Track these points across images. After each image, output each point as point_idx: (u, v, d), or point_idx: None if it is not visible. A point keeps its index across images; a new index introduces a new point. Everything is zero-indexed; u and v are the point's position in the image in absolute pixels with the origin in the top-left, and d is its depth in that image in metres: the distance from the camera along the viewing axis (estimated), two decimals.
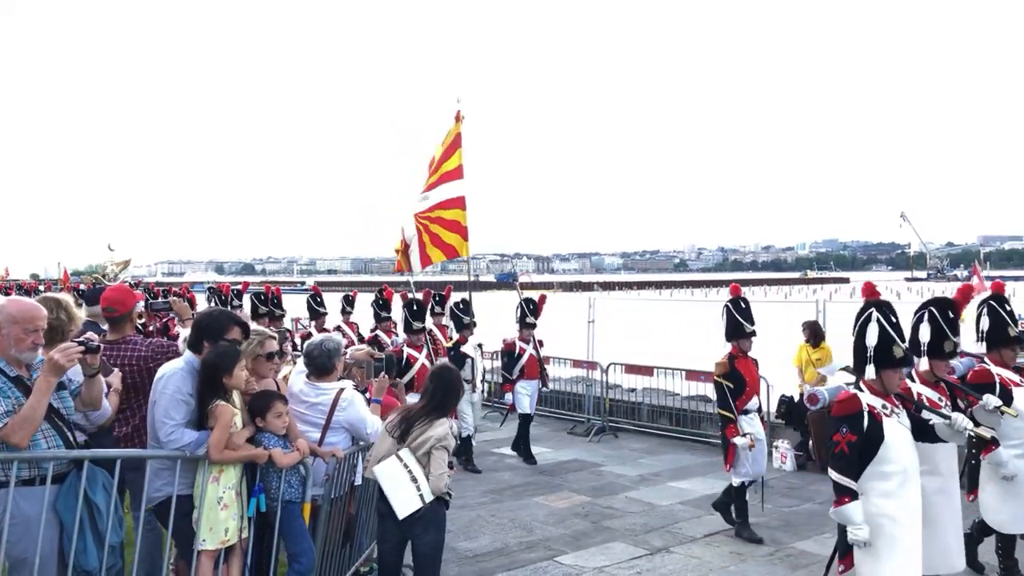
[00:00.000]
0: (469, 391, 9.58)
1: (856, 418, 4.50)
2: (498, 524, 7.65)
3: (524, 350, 10.43)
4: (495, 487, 8.99)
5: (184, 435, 4.26)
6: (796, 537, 7.34)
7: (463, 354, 9.89)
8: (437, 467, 4.62)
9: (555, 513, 8.02)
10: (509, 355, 10.46)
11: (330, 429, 5.00)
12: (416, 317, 9.39)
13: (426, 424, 4.70)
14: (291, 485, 4.57)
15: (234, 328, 4.61)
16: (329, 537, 4.92)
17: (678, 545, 7.07)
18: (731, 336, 7.41)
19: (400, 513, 4.55)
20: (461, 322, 10.27)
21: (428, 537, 4.69)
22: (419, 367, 9.11)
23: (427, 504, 4.58)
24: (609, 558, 6.77)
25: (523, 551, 6.92)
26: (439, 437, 4.66)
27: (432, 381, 4.93)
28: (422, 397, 4.90)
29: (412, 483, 4.56)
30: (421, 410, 4.78)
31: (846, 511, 4.49)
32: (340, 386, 5.18)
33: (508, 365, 10.46)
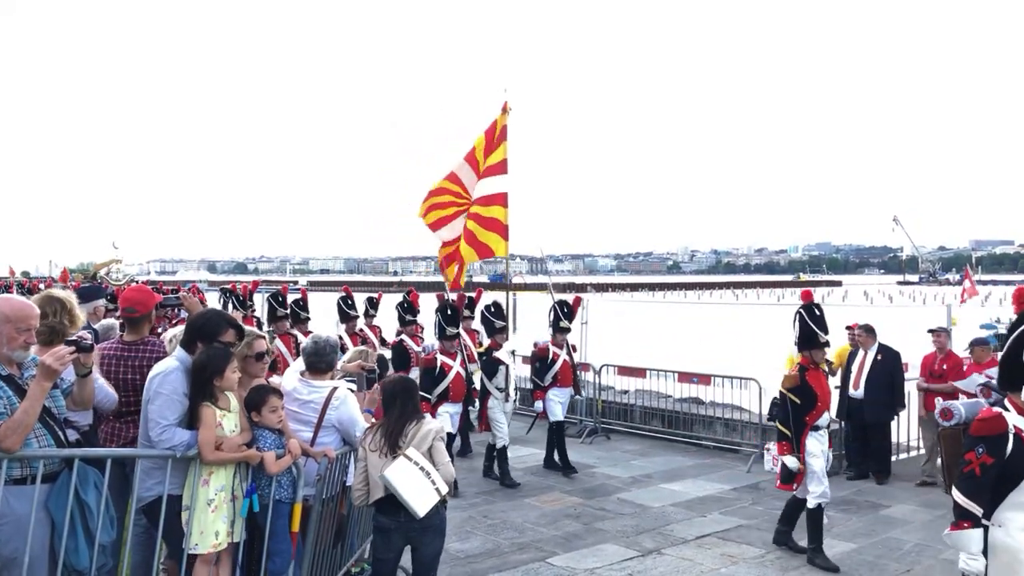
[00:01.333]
0: (502, 400, 9.32)
1: (998, 440, 3.92)
2: (490, 525, 7.65)
3: (558, 356, 9.89)
4: (487, 488, 8.99)
5: (175, 435, 4.26)
6: None
7: (496, 360, 9.40)
8: (442, 457, 4.68)
9: (547, 514, 8.03)
10: (542, 361, 9.91)
11: (322, 428, 5.00)
12: (451, 322, 8.87)
13: (417, 424, 4.71)
14: (282, 485, 4.58)
15: (229, 330, 4.61)
16: (320, 537, 4.91)
17: (670, 547, 7.08)
18: (804, 346, 6.89)
19: (421, 511, 4.51)
20: (493, 326, 9.83)
21: (436, 543, 4.74)
22: (454, 376, 8.74)
23: (442, 498, 4.59)
24: (600, 560, 6.77)
25: (515, 552, 6.92)
26: (436, 430, 4.74)
27: (396, 395, 4.81)
28: (388, 410, 4.81)
29: (426, 478, 4.56)
30: (399, 418, 4.72)
31: (963, 537, 3.97)
32: (334, 384, 5.18)
33: (540, 371, 9.92)
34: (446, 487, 4.63)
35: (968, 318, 30.54)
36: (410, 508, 4.51)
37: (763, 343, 8.28)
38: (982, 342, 9.18)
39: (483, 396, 9.38)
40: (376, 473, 4.63)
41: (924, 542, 7.31)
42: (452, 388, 8.73)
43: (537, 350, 10.01)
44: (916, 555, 6.97)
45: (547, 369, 9.85)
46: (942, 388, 9.09)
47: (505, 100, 10.68)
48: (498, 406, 9.24)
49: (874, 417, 9.56)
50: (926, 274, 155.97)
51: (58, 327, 4.25)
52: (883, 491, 9.10)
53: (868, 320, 10.28)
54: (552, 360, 9.85)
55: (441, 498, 4.60)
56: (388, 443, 4.66)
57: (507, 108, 10.72)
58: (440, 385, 8.63)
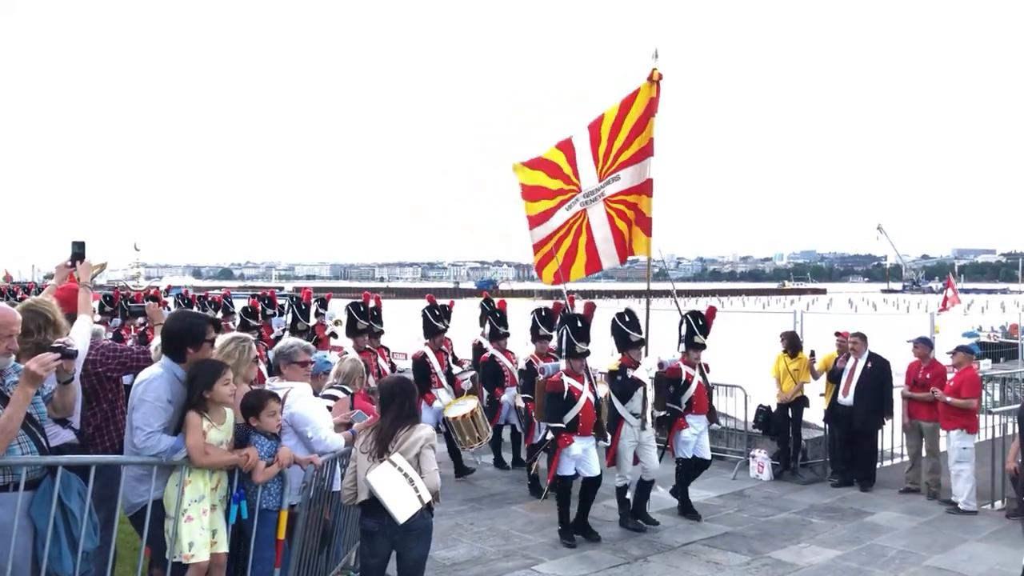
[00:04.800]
0: (638, 428, 7.78)
1: None
2: (476, 532, 7.63)
3: (691, 377, 8.34)
4: (474, 495, 8.96)
5: (160, 441, 4.23)
6: (772, 547, 7.37)
7: (634, 380, 7.62)
8: (429, 465, 4.65)
9: (534, 522, 8.01)
10: (674, 383, 8.33)
11: (283, 431, 4.95)
12: (581, 337, 7.46)
13: (409, 429, 4.69)
14: (270, 493, 4.56)
15: (210, 327, 4.59)
16: (306, 544, 4.89)
17: (656, 554, 7.08)
18: None
19: (401, 517, 4.51)
20: (628, 339, 7.80)
21: (420, 548, 4.70)
22: (583, 404, 7.30)
23: (424, 506, 4.57)
24: (587, 567, 6.77)
25: (501, 559, 6.90)
26: (427, 437, 4.70)
27: (394, 396, 4.80)
28: (385, 411, 4.79)
29: (409, 485, 4.54)
30: (394, 421, 4.72)
31: None
32: (292, 385, 5.13)
33: (673, 396, 8.32)
34: (429, 495, 4.60)
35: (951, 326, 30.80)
36: (391, 513, 4.51)
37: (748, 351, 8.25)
38: (966, 349, 9.24)
39: (613, 425, 7.79)
40: (362, 475, 4.64)
41: (908, 549, 7.35)
42: (582, 417, 7.27)
43: (667, 370, 8.26)
44: (900, 562, 7.01)
45: (681, 393, 8.31)
46: (925, 397, 9.15)
47: (654, 68, 9.18)
48: (631, 435, 7.73)
49: (863, 424, 9.61)
50: (910, 282, 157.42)
51: (43, 343, 4.19)
52: (867, 498, 9.14)
53: (856, 328, 10.35)
54: (686, 382, 8.31)
55: (423, 506, 4.58)
56: (378, 446, 4.66)
57: (655, 77, 9.21)
58: (570, 413, 7.24)
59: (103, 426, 4.91)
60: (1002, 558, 7.10)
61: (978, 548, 7.41)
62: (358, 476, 4.70)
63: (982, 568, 6.85)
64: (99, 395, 4.87)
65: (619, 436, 7.72)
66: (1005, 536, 7.77)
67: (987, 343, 29.79)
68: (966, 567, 6.88)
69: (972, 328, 35.52)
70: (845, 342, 9.93)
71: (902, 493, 9.28)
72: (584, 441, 7.33)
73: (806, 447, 10.40)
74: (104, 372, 4.86)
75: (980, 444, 9.19)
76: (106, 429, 4.91)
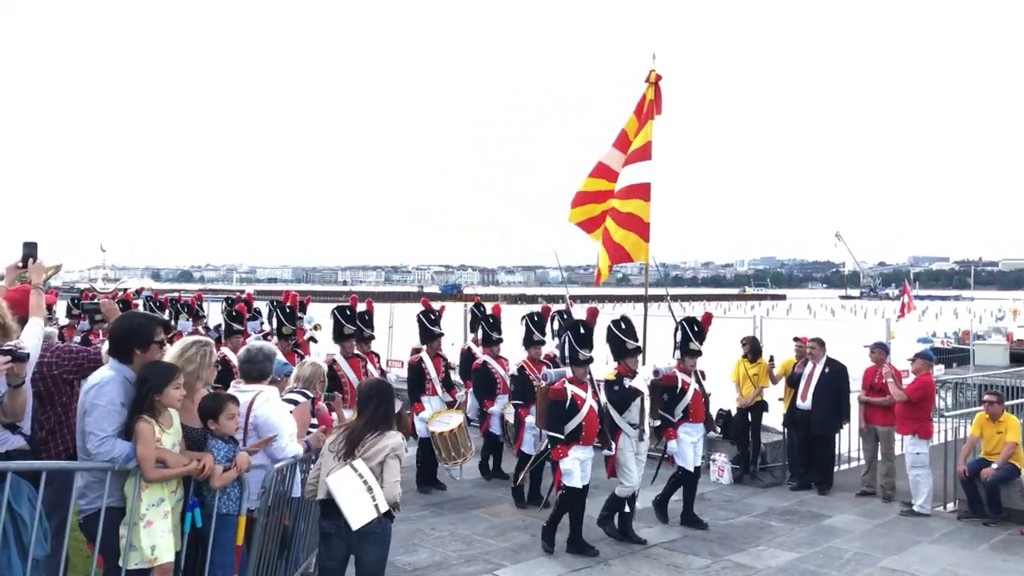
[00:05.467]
0: (635, 439, 7.63)
1: None
2: (438, 537, 7.60)
3: (688, 385, 8.22)
4: (435, 500, 8.92)
5: (115, 447, 4.13)
6: (732, 549, 7.45)
7: (632, 390, 7.45)
8: (391, 475, 4.59)
9: (495, 526, 8.00)
10: (669, 391, 8.16)
11: (248, 433, 4.89)
12: (584, 343, 7.27)
13: (377, 436, 4.65)
14: (229, 498, 4.50)
15: (159, 329, 4.51)
16: (264, 550, 4.84)
17: (617, 557, 7.11)
18: None
19: (355, 524, 4.47)
20: (624, 347, 7.64)
21: (377, 553, 4.64)
22: (587, 412, 7.10)
23: (380, 515, 4.53)
24: (548, 571, 6.78)
25: (462, 564, 6.88)
26: (394, 447, 4.65)
27: (371, 398, 4.81)
28: (361, 412, 4.80)
29: (367, 493, 4.49)
30: (366, 424, 4.71)
31: None
32: (261, 388, 5.08)
33: (668, 404, 8.15)
34: (386, 506, 4.56)
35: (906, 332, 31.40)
36: (346, 517, 4.48)
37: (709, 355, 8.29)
38: (925, 356, 9.43)
39: (612, 435, 7.60)
40: (325, 473, 4.60)
41: (863, 551, 7.48)
42: (585, 426, 7.09)
43: (662, 378, 8.11)
44: (856, 563, 7.12)
45: (677, 401, 8.17)
46: (882, 402, 9.33)
47: (651, 69, 9.06)
48: (630, 446, 7.59)
49: (820, 428, 9.75)
50: (867, 289, 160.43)
51: None
52: (825, 501, 9.29)
53: (812, 333, 10.50)
54: (682, 390, 8.20)
55: (379, 515, 4.53)
56: (346, 447, 4.62)
57: (653, 79, 9.02)
58: (572, 422, 7.04)
59: (57, 430, 4.80)
60: (954, 559, 7.27)
61: (931, 549, 7.56)
62: (321, 474, 4.66)
63: (934, 569, 6.99)
64: (53, 398, 4.76)
65: (618, 447, 7.55)
66: (957, 537, 7.95)
67: (941, 349, 30.46)
68: (919, 568, 7.02)
69: (926, 334, 36.29)
70: (803, 347, 10.08)
71: (858, 496, 9.44)
72: (584, 451, 7.16)
73: (765, 451, 10.52)
74: (60, 375, 4.75)
75: (934, 448, 9.39)
76: (60, 433, 4.80)
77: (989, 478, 8.38)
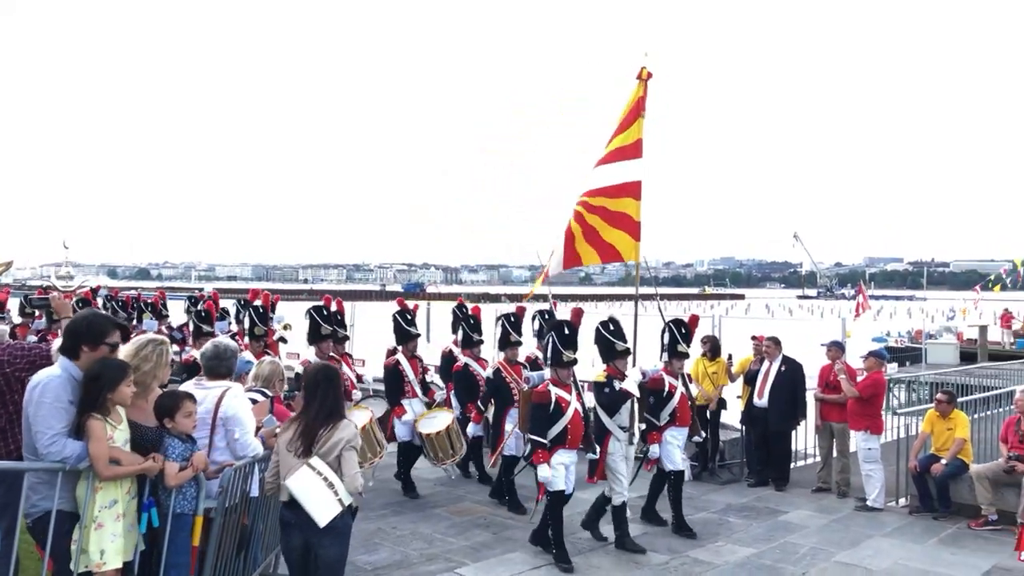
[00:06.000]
0: (625, 443, 7.50)
1: None
2: (399, 536, 7.57)
3: (675, 388, 8.09)
4: (397, 499, 8.88)
5: (66, 446, 4.05)
6: (691, 546, 7.53)
7: (623, 393, 7.31)
8: (350, 467, 4.54)
9: (456, 525, 8.00)
10: (655, 394, 8.00)
11: (216, 428, 4.83)
12: (568, 344, 7.05)
13: (331, 428, 4.59)
14: (185, 497, 4.44)
15: (115, 332, 4.43)
16: (222, 550, 4.77)
17: (578, 555, 7.14)
18: None
19: (321, 521, 4.43)
20: (613, 349, 7.48)
21: (335, 548, 4.59)
22: (572, 415, 6.91)
23: (345, 508, 4.50)
24: (509, 569, 6.79)
25: (423, 563, 6.87)
26: (348, 438, 4.58)
27: (317, 384, 4.69)
28: (308, 404, 4.68)
29: (329, 488, 4.45)
30: (316, 416, 4.61)
31: None
32: (228, 385, 5.03)
33: (654, 407, 8.00)
34: (350, 498, 4.54)
35: (862, 331, 31.98)
36: (312, 516, 4.44)
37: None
38: (878, 354, 9.66)
39: (600, 438, 7.46)
40: (284, 472, 4.56)
41: (819, 546, 7.61)
42: (571, 430, 6.91)
43: (649, 381, 7.90)
44: (811, 558, 7.25)
45: (663, 404, 8.06)
46: (836, 399, 9.51)
47: (643, 67, 8.96)
48: (620, 450, 7.42)
49: (777, 426, 9.91)
50: (824, 289, 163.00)
51: None
52: (782, 497, 9.44)
53: (771, 332, 10.67)
54: (669, 393, 8.06)
55: (344, 508, 4.51)
56: (303, 444, 4.56)
57: (644, 76, 8.90)
58: (557, 425, 6.86)
59: (7, 428, 4.68)
60: (905, 552, 7.45)
61: (883, 543, 7.73)
62: (281, 472, 4.61)
63: (886, 563, 7.15)
64: (5, 396, 4.64)
65: (607, 450, 7.36)
66: (908, 531, 8.14)
67: (894, 348, 31.08)
68: (871, 562, 7.17)
69: (881, 333, 37.02)
70: (760, 346, 10.23)
71: (814, 492, 9.61)
72: (568, 455, 6.95)
73: (724, 448, 10.66)
74: (12, 372, 4.63)
75: (887, 444, 9.60)
76: (11, 432, 4.69)
77: (939, 473, 8.60)
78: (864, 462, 9.04)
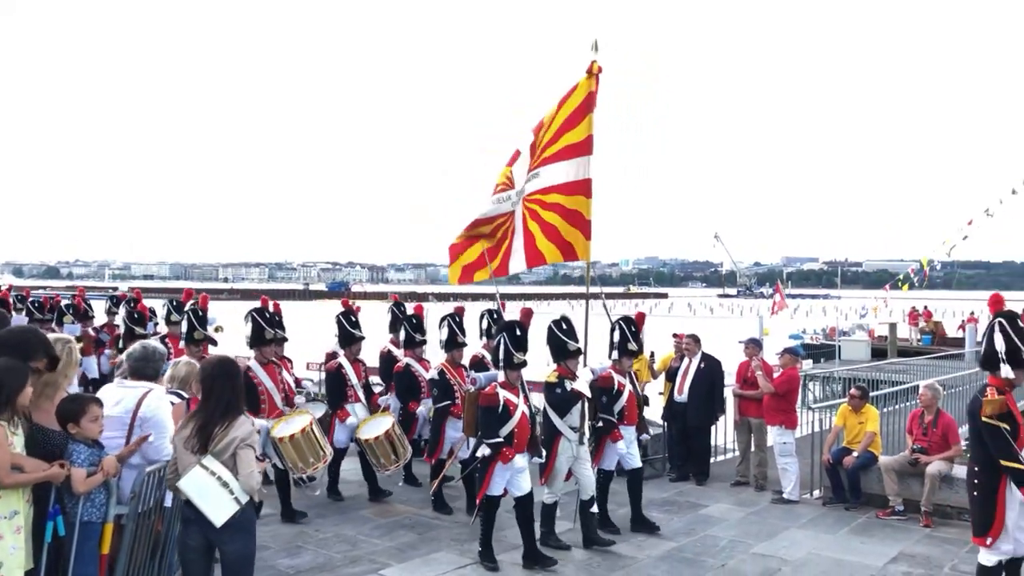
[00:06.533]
0: (575, 443, 7.37)
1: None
2: (322, 539, 7.45)
3: (623, 386, 8.02)
4: (320, 501, 8.72)
5: None
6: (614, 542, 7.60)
7: (574, 393, 7.17)
8: (245, 466, 4.37)
9: (381, 526, 7.92)
10: (606, 392, 7.93)
11: (134, 430, 4.67)
12: (520, 346, 6.91)
13: (227, 426, 4.41)
14: (94, 504, 4.27)
15: (43, 359, 4.28)
16: (135, 558, 4.61)
17: (503, 552, 7.14)
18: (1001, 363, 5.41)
19: (217, 521, 4.29)
20: (565, 349, 7.34)
21: (236, 544, 4.42)
22: (519, 418, 6.80)
23: (242, 506, 4.36)
24: (434, 569, 6.76)
25: (347, 565, 6.78)
26: (243, 437, 4.40)
27: (214, 378, 4.51)
28: (205, 400, 4.51)
29: (223, 488, 4.30)
30: (213, 413, 4.44)
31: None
32: (151, 386, 4.87)
33: (606, 406, 7.92)
34: (246, 496, 4.39)
35: (779, 329, 32.88)
36: (207, 517, 4.31)
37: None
38: (792, 351, 9.99)
39: (550, 439, 7.34)
40: (181, 470, 4.41)
41: (737, 538, 7.82)
42: (518, 433, 6.79)
43: (599, 379, 7.88)
44: (730, 551, 7.44)
45: (613, 403, 7.96)
46: (754, 395, 9.77)
47: (593, 60, 8.78)
48: (569, 451, 7.31)
49: (697, 421, 10.13)
50: (743, 287, 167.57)
51: None
52: (702, 491, 9.65)
53: (692, 330, 10.91)
54: (618, 391, 7.97)
55: (240, 507, 4.36)
56: (199, 441, 4.38)
57: (595, 70, 8.73)
58: (504, 428, 6.73)
59: None
60: (818, 543, 7.71)
61: (798, 534, 7.98)
62: (179, 469, 4.45)
63: (800, 553, 7.39)
64: None
65: (556, 452, 7.24)
66: (821, 522, 8.43)
67: (810, 344, 32.14)
68: (787, 552, 7.40)
69: (797, 331, 38.25)
70: (681, 343, 10.45)
71: (733, 486, 9.86)
72: (519, 458, 6.86)
73: (646, 444, 10.82)
74: None
75: (802, 438, 9.92)
76: None
77: (851, 466, 8.93)
78: (780, 456, 9.33)
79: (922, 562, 7.18)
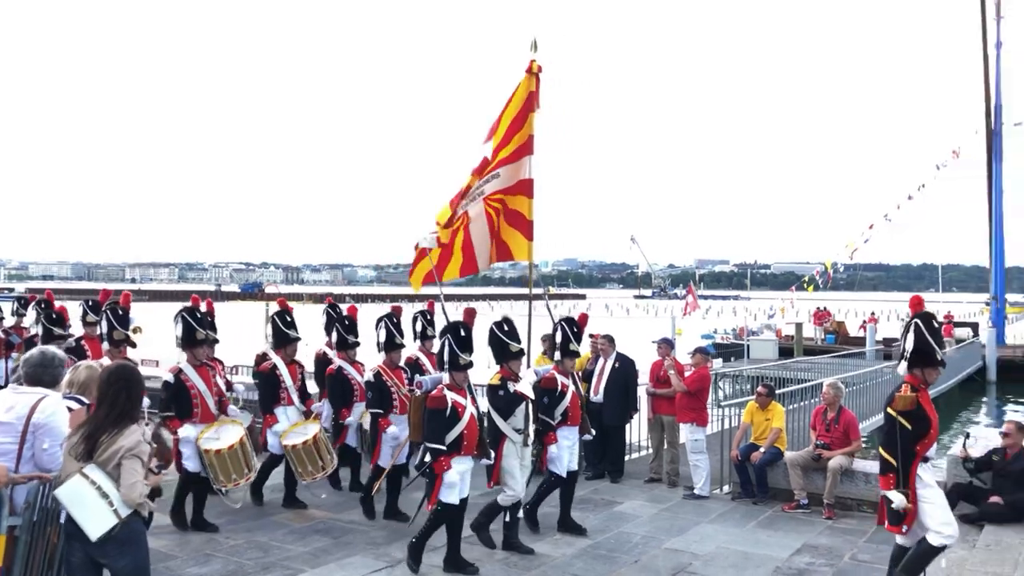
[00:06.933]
0: (520, 445, 7.34)
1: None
2: (233, 546, 7.27)
3: (566, 387, 7.90)
4: (231, 508, 8.48)
5: None
6: (530, 540, 7.63)
7: (517, 395, 7.17)
8: (128, 477, 4.17)
9: (295, 532, 7.77)
10: (549, 393, 7.79)
11: (27, 436, 4.46)
12: (465, 347, 6.80)
13: (114, 434, 4.22)
14: None
15: None
16: (30, 572, 4.40)
17: (425, 553, 7.11)
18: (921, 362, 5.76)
19: (93, 534, 4.08)
20: (507, 351, 7.26)
21: (125, 560, 4.22)
22: (468, 420, 6.66)
23: (122, 520, 4.16)
24: (348, 572, 6.68)
25: (259, 572, 6.63)
26: (129, 447, 4.20)
27: (111, 384, 4.33)
28: (99, 406, 4.33)
29: (103, 499, 4.10)
30: (104, 420, 4.25)
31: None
32: (46, 392, 4.65)
33: (548, 407, 7.79)
34: (127, 509, 4.19)
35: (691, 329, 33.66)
36: (83, 529, 4.11)
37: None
38: (703, 351, 10.26)
39: (495, 442, 7.21)
40: (63, 475, 4.21)
41: (651, 534, 7.98)
42: (467, 435, 6.66)
43: (542, 380, 7.81)
44: (643, 547, 7.59)
45: (556, 404, 7.83)
46: (666, 393, 10.00)
47: (532, 59, 8.73)
48: (515, 452, 7.27)
49: (612, 420, 10.29)
50: (658, 289, 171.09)
51: None
52: (617, 489, 9.82)
53: (607, 330, 11.08)
54: (561, 392, 7.86)
55: (120, 521, 4.16)
56: (85, 448, 4.19)
57: (534, 70, 8.69)
58: (453, 431, 6.57)
59: None
60: (727, 537, 7.94)
61: (708, 529, 8.20)
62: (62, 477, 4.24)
63: (710, 547, 7.59)
64: None
65: (502, 454, 7.19)
66: (730, 516, 8.69)
67: (721, 344, 33.07)
68: (697, 547, 7.60)
69: (709, 331, 39.31)
70: (596, 344, 10.60)
71: (647, 483, 10.06)
72: (464, 463, 6.71)
73: None
74: None
75: (712, 435, 10.19)
76: None
77: (758, 461, 9.24)
78: (691, 453, 9.57)
79: (824, 552, 7.48)
